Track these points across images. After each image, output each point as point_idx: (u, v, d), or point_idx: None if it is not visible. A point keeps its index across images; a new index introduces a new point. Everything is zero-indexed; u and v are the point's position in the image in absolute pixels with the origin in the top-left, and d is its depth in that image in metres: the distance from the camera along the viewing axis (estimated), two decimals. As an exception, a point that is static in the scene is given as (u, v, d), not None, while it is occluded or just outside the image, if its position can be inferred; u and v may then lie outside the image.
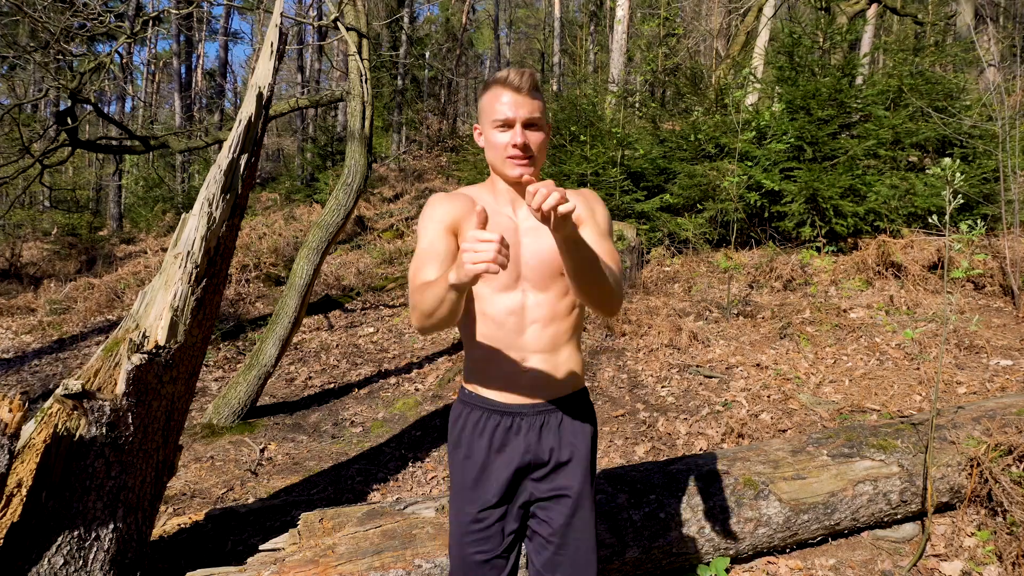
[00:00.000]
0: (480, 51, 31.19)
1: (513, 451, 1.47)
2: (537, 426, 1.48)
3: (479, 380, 1.51)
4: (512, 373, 1.46)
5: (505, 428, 1.47)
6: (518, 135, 1.37)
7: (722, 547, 2.37)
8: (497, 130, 1.39)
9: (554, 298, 1.46)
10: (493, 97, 1.39)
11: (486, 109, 1.41)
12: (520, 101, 1.37)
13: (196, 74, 24.16)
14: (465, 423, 1.52)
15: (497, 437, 1.47)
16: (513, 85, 1.37)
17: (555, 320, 1.46)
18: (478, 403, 1.50)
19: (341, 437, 4.30)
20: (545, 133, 1.43)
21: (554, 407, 1.49)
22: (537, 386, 1.47)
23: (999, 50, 10.41)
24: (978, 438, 2.66)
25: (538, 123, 1.40)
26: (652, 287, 6.37)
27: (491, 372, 1.48)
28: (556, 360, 1.48)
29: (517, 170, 1.39)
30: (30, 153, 6.70)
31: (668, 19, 13.38)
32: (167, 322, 2.09)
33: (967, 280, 5.44)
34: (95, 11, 6.83)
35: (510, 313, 1.44)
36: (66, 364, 6.14)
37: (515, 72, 1.38)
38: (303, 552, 2.09)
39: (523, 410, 1.48)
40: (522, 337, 1.45)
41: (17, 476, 1.87)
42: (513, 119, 1.37)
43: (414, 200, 13.47)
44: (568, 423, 1.50)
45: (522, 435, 1.47)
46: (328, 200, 5.05)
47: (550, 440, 1.48)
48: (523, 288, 1.45)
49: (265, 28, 10.47)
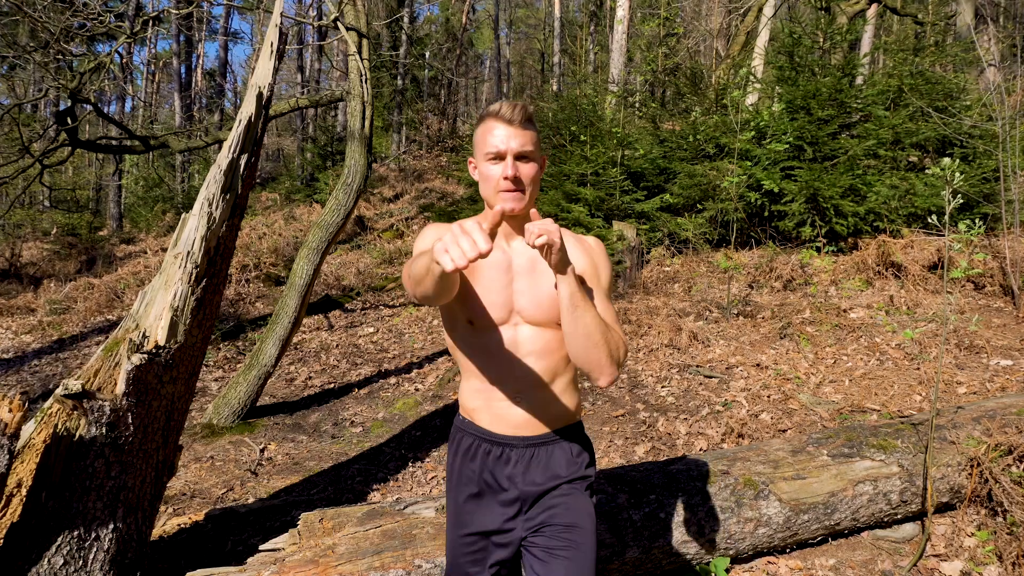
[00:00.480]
0: (480, 51, 31.19)
1: (501, 479, 1.47)
2: (526, 459, 1.47)
3: (472, 408, 1.52)
4: (504, 407, 1.47)
5: (496, 457, 1.48)
6: (509, 167, 1.35)
7: (722, 547, 2.37)
8: (489, 162, 1.38)
9: (548, 333, 1.44)
10: (486, 130, 1.39)
11: (479, 142, 1.41)
12: (512, 133, 1.37)
13: (196, 74, 24.17)
14: (459, 445, 1.54)
15: (488, 465, 1.48)
16: (505, 118, 1.37)
17: (549, 354, 1.45)
18: (470, 430, 1.52)
19: (341, 437, 4.30)
20: (538, 165, 1.42)
21: (545, 441, 1.49)
22: (528, 420, 1.47)
23: (999, 50, 10.41)
24: (978, 438, 2.66)
25: (530, 155, 1.39)
26: (652, 287, 6.37)
27: (483, 403, 1.49)
28: (549, 394, 1.47)
29: (508, 203, 1.38)
30: (30, 153, 6.70)
31: (668, 19, 13.39)
32: (167, 322, 2.09)
33: (967, 280, 5.44)
34: (95, 11, 6.83)
35: (502, 347, 1.44)
36: (66, 364, 6.14)
37: (507, 105, 1.39)
38: (303, 552, 2.09)
39: (513, 442, 1.47)
40: (515, 371, 1.45)
41: (17, 476, 1.87)
42: (504, 151, 1.36)
43: (414, 200, 13.47)
44: (559, 456, 1.49)
45: (511, 466, 1.47)
46: (328, 200, 5.05)
47: (539, 473, 1.47)
48: (515, 322, 1.44)
49: (265, 28, 10.47)
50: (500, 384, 1.46)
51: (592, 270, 1.48)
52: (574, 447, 1.52)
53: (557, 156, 7.78)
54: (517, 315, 1.44)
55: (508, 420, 1.47)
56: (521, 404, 1.46)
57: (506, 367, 1.45)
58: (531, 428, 1.48)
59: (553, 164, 7.64)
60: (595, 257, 1.50)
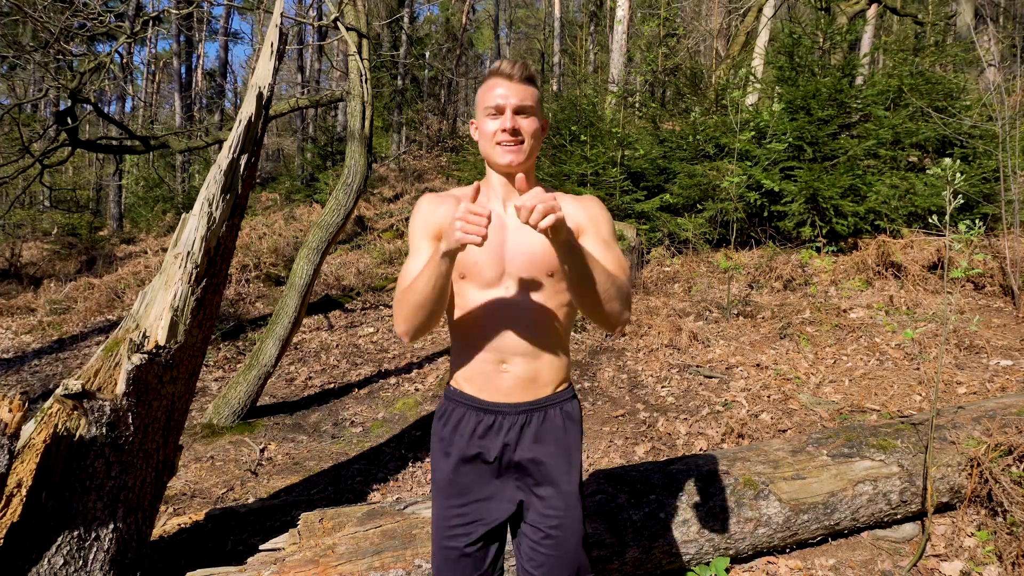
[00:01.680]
0: (480, 51, 31.19)
1: (492, 449, 1.46)
2: (518, 426, 1.45)
3: (462, 376, 1.50)
4: (493, 371, 1.45)
5: (486, 426, 1.46)
6: (507, 120, 1.36)
7: (722, 547, 2.37)
8: (489, 118, 1.39)
9: (540, 297, 1.43)
10: (487, 88, 1.40)
11: (480, 100, 1.42)
12: (512, 88, 1.37)
13: (196, 74, 24.17)
14: (448, 418, 1.51)
15: (477, 434, 1.46)
16: (505, 73, 1.38)
17: (540, 319, 1.43)
18: (460, 399, 1.49)
19: (341, 437, 4.30)
20: (539, 122, 1.41)
21: (537, 407, 1.47)
22: (519, 386, 1.45)
23: (999, 50, 10.41)
24: (978, 438, 2.66)
25: (530, 111, 1.38)
26: (652, 287, 6.37)
27: (473, 369, 1.47)
28: (539, 360, 1.46)
29: (507, 156, 1.38)
30: (30, 153, 6.70)
31: (668, 19, 13.38)
32: (167, 322, 2.09)
33: (967, 280, 5.44)
34: (95, 11, 6.83)
35: (493, 309, 1.42)
36: (66, 364, 6.14)
37: (508, 62, 1.39)
38: (303, 552, 2.09)
39: (504, 409, 1.46)
40: (504, 335, 1.43)
41: (17, 476, 1.87)
42: (504, 106, 1.36)
43: (414, 200, 13.47)
44: (551, 424, 1.47)
45: (502, 434, 1.45)
46: (328, 200, 5.05)
47: (530, 440, 1.46)
48: (506, 285, 1.43)
49: (265, 28, 10.46)
50: (490, 349, 1.44)
51: (590, 221, 1.45)
52: (566, 412, 1.50)
53: (557, 156, 7.78)
54: (508, 277, 1.42)
55: (499, 387, 1.45)
56: (511, 370, 1.44)
57: (496, 331, 1.43)
58: (522, 394, 1.45)
59: (553, 164, 7.64)
60: (591, 209, 1.47)
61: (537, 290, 1.43)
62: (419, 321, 1.35)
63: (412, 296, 1.33)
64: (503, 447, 1.45)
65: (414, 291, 1.33)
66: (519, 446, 1.45)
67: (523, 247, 1.41)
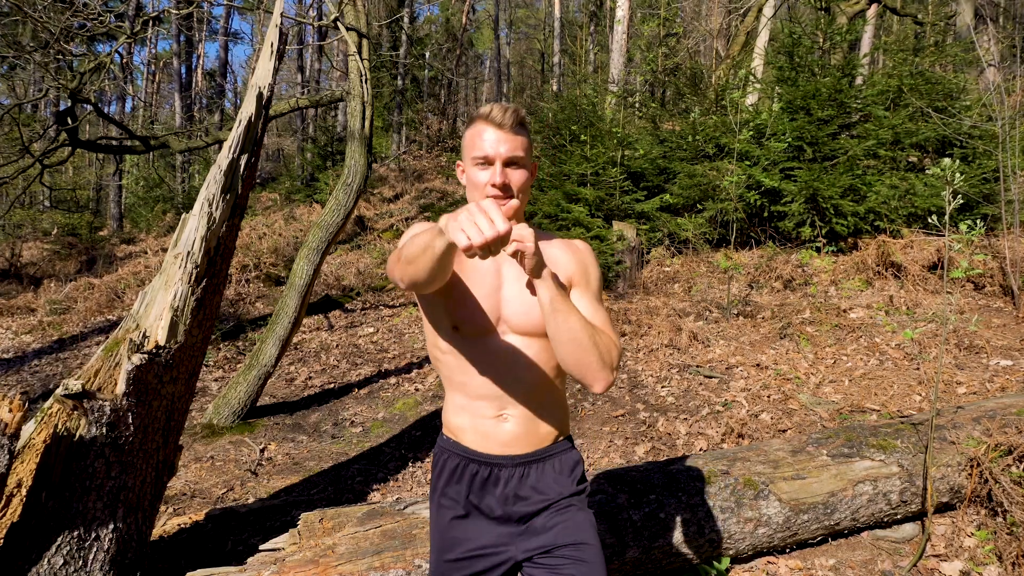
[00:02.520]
0: (480, 51, 31.20)
1: (491, 501, 1.40)
2: (516, 479, 1.40)
3: (457, 427, 1.44)
4: (491, 425, 1.39)
5: (483, 478, 1.40)
6: (498, 174, 1.28)
7: (722, 547, 2.37)
8: (478, 167, 1.31)
9: (536, 343, 1.37)
10: (475, 133, 1.32)
11: (467, 145, 1.34)
12: (502, 138, 1.29)
13: (196, 74, 24.17)
14: (443, 469, 1.45)
15: (475, 487, 1.41)
16: (495, 121, 1.30)
17: (537, 367, 1.38)
18: (456, 451, 1.44)
19: (341, 437, 4.30)
20: (529, 172, 1.35)
21: (536, 460, 1.41)
22: (517, 439, 1.39)
23: (999, 50, 10.40)
24: (978, 438, 2.66)
25: (520, 162, 1.31)
26: (652, 287, 6.37)
27: (469, 421, 1.41)
28: (538, 410, 1.40)
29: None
30: (30, 153, 6.70)
31: (668, 19, 13.39)
32: (167, 322, 2.09)
33: (967, 280, 5.44)
34: (95, 11, 6.83)
35: (489, 359, 1.37)
36: (66, 364, 6.14)
37: (499, 108, 1.31)
38: (303, 552, 2.09)
39: (502, 461, 1.40)
40: (502, 385, 1.37)
41: (17, 476, 1.87)
42: (493, 157, 1.29)
43: (414, 200, 13.47)
44: (550, 475, 1.41)
45: (500, 486, 1.40)
46: (328, 200, 5.05)
47: (529, 494, 1.39)
48: (503, 331, 1.37)
49: (265, 28, 10.47)
50: (486, 399, 1.38)
51: (581, 273, 1.40)
52: (565, 463, 1.44)
53: (557, 156, 7.78)
54: (504, 324, 1.37)
55: (495, 438, 1.39)
56: (509, 420, 1.39)
57: (492, 380, 1.37)
58: (520, 446, 1.40)
59: (553, 164, 7.64)
60: (584, 259, 1.43)
61: (534, 339, 1.37)
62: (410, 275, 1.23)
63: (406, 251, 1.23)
64: (504, 500, 1.40)
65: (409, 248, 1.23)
66: (519, 499, 1.40)
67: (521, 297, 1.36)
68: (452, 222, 1.04)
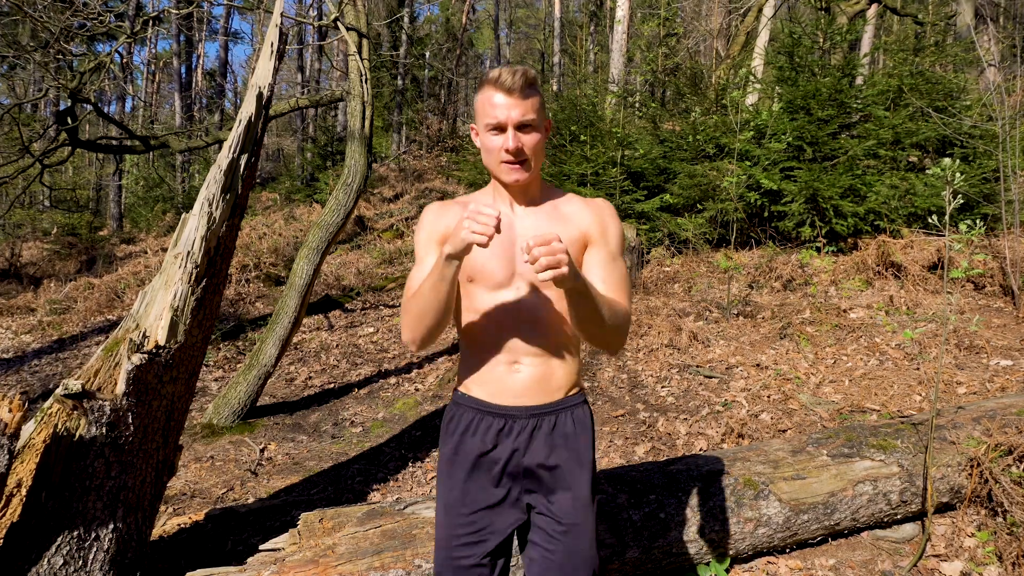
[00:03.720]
0: (480, 51, 31.19)
1: (503, 453, 1.43)
2: (529, 430, 1.43)
3: (472, 381, 1.47)
4: (504, 374, 1.42)
5: (497, 430, 1.43)
6: (510, 140, 1.32)
7: (722, 547, 2.37)
8: (491, 133, 1.35)
9: (551, 298, 1.41)
10: (485, 99, 1.34)
11: (479, 111, 1.37)
12: (512, 103, 1.31)
13: (196, 74, 24.16)
14: (457, 424, 1.48)
15: (488, 439, 1.43)
16: (505, 86, 1.31)
17: (552, 320, 1.41)
18: (470, 404, 1.47)
19: (341, 437, 4.30)
20: (542, 133, 1.38)
21: (548, 411, 1.44)
22: (530, 389, 1.43)
23: (999, 50, 10.41)
24: (978, 438, 2.66)
25: (533, 124, 1.34)
26: (652, 287, 6.37)
27: (483, 373, 1.45)
28: (551, 362, 1.44)
29: (512, 175, 1.36)
30: (30, 153, 6.70)
31: (668, 19, 13.38)
32: (167, 322, 2.09)
33: (967, 280, 5.44)
34: (95, 11, 6.83)
35: (504, 311, 1.40)
36: (66, 364, 6.14)
37: (508, 71, 1.32)
38: (303, 552, 2.09)
39: (515, 412, 1.43)
40: (515, 337, 1.40)
41: (17, 476, 1.87)
42: (505, 122, 1.32)
43: (414, 200, 13.47)
44: (562, 428, 1.45)
45: (512, 437, 1.43)
46: (328, 200, 5.05)
47: (542, 445, 1.43)
48: (518, 286, 1.40)
49: (265, 28, 10.47)
50: (501, 351, 1.42)
51: (600, 231, 1.43)
52: (579, 420, 1.48)
53: (557, 156, 7.78)
54: (519, 277, 1.40)
55: (510, 389, 1.42)
56: (523, 372, 1.42)
57: (507, 333, 1.40)
58: (534, 397, 1.43)
59: (553, 164, 7.64)
60: (603, 216, 1.45)
61: (548, 292, 1.41)
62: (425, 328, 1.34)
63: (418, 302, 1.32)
64: (512, 452, 1.43)
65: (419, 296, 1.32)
66: (528, 451, 1.43)
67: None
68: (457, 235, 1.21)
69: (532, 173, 1.38)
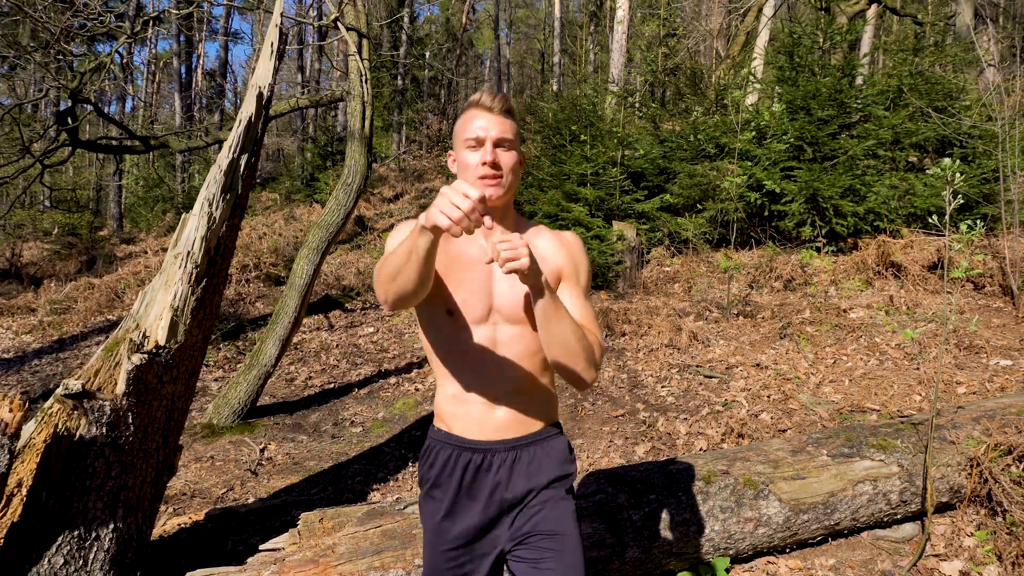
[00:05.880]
0: (480, 51, 31.19)
1: (484, 489, 1.43)
2: (509, 463, 1.43)
3: (449, 417, 1.46)
4: (483, 411, 1.42)
5: (476, 466, 1.42)
6: (488, 152, 1.34)
7: (722, 547, 2.37)
8: (469, 150, 1.37)
9: (527, 333, 1.40)
10: (466, 119, 1.38)
11: (459, 132, 1.40)
12: (492, 121, 1.36)
13: (196, 74, 24.16)
14: (435, 460, 1.47)
15: (468, 475, 1.43)
16: (485, 106, 1.37)
17: (529, 355, 1.41)
18: (448, 441, 1.45)
19: (341, 437, 4.30)
20: (518, 156, 1.40)
21: (527, 443, 1.44)
22: (509, 422, 1.43)
23: (999, 50, 10.41)
24: (978, 438, 2.66)
25: (509, 144, 1.37)
26: (652, 287, 6.37)
27: (461, 408, 1.43)
28: (529, 396, 1.44)
29: (487, 190, 1.35)
30: (30, 153, 6.70)
31: (668, 19, 13.37)
32: (167, 322, 2.09)
33: (967, 280, 5.44)
34: (95, 11, 6.83)
35: (481, 347, 1.40)
36: (66, 364, 6.14)
37: (487, 94, 1.38)
38: (303, 552, 2.09)
39: (495, 447, 1.43)
40: (493, 372, 1.40)
41: (17, 476, 1.87)
42: (484, 138, 1.35)
43: (414, 200, 13.47)
44: (540, 460, 1.45)
45: (493, 472, 1.42)
46: (328, 200, 5.05)
47: (522, 477, 1.43)
48: (495, 321, 1.40)
49: (265, 28, 10.46)
50: (479, 387, 1.41)
51: (571, 268, 1.45)
52: (555, 449, 1.47)
53: (557, 156, 7.78)
54: (496, 313, 1.40)
55: (488, 424, 1.42)
56: (501, 406, 1.42)
57: (485, 368, 1.40)
58: (512, 430, 1.43)
59: (553, 164, 7.64)
60: (574, 254, 1.46)
61: (524, 328, 1.40)
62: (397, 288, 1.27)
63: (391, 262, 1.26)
64: (495, 486, 1.42)
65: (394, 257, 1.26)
66: (511, 484, 1.43)
67: (510, 285, 1.39)
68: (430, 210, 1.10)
69: (507, 193, 1.38)
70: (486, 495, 1.43)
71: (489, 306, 1.40)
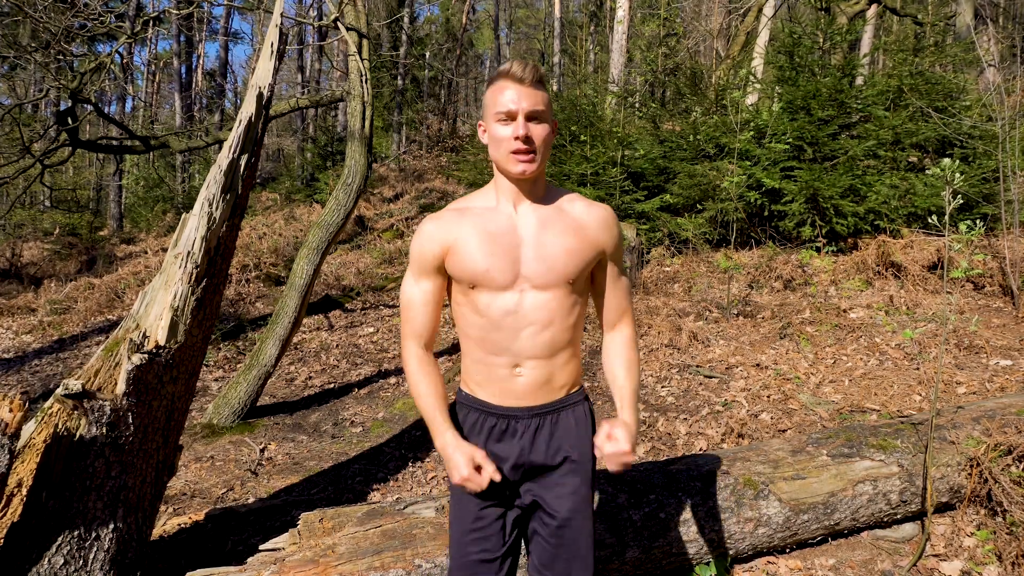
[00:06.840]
0: (480, 51, 31.18)
1: (509, 452, 1.46)
2: (532, 429, 1.46)
3: (475, 382, 1.49)
4: (507, 376, 1.44)
5: (500, 430, 1.47)
6: (520, 127, 1.32)
7: (722, 547, 2.37)
8: (500, 123, 1.35)
9: (554, 300, 1.41)
10: (496, 91, 1.36)
11: (489, 104, 1.38)
12: (523, 93, 1.33)
13: (196, 74, 24.16)
14: (463, 423, 1.50)
15: (493, 438, 1.47)
16: (516, 77, 1.34)
17: (553, 323, 1.42)
18: (474, 405, 1.49)
19: (341, 437, 4.31)
20: (550, 127, 1.38)
21: (550, 411, 1.47)
22: (533, 390, 1.45)
23: (999, 50, 10.41)
24: (978, 438, 2.66)
25: (542, 116, 1.35)
26: (652, 287, 6.37)
27: (486, 375, 1.46)
28: (553, 363, 1.45)
29: (520, 166, 1.35)
30: (31, 153, 6.70)
31: (668, 19, 13.37)
32: (167, 322, 2.09)
33: (967, 280, 5.44)
34: (95, 11, 6.84)
35: (507, 314, 1.40)
36: (66, 364, 6.14)
37: (518, 64, 1.35)
38: (303, 552, 2.09)
39: (518, 413, 1.46)
40: (518, 339, 1.42)
41: (17, 476, 1.87)
42: (516, 111, 1.33)
43: (414, 200, 13.47)
44: (564, 427, 1.48)
45: (517, 438, 1.46)
46: (328, 200, 5.05)
47: (544, 444, 1.47)
48: (521, 288, 1.41)
49: (265, 28, 10.46)
50: (502, 354, 1.43)
51: (614, 246, 1.49)
52: (579, 415, 1.51)
53: (557, 156, 7.78)
54: (524, 280, 1.40)
55: (512, 391, 1.45)
56: (524, 375, 1.44)
57: (509, 336, 1.41)
58: (536, 397, 1.46)
59: (553, 164, 7.64)
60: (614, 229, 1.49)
61: (551, 295, 1.41)
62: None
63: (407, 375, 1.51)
64: (519, 451, 1.46)
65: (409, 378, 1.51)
66: (534, 449, 1.47)
67: (540, 252, 1.40)
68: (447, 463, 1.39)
69: (539, 166, 1.37)
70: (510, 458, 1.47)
71: (516, 274, 1.41)
